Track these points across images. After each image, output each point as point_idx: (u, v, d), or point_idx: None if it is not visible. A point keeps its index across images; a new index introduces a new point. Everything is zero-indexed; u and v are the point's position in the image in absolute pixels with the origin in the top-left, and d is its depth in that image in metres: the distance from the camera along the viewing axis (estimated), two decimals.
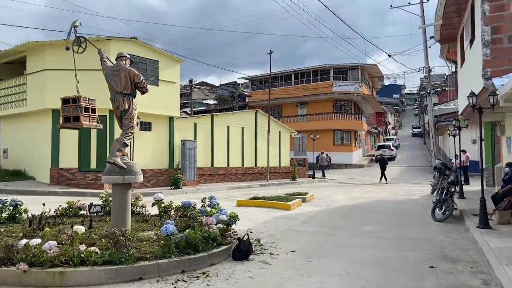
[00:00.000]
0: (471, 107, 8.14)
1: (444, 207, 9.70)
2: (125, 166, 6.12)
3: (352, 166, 34.57)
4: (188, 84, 40.79)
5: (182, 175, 16.98)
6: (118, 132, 15.79)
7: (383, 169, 23.62)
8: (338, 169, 33.25)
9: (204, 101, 63.93)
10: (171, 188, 16.23)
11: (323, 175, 26.17)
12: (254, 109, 24.39)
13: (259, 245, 6.84)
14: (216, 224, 6.27)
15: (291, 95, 36.68)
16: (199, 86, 74.06)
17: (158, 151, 17.52)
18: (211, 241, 5.84)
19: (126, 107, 6.41)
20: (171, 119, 17.95)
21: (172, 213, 7.89)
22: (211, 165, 20.07)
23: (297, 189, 17.66)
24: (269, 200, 11.94)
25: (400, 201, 13.86)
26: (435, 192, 15.46)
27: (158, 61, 16.99)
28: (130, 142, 6.66)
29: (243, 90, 47.32)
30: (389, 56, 26.61)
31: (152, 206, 8.55)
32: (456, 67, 16.18)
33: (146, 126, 17.00)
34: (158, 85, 16.95)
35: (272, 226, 8.80)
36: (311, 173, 25.63)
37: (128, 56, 6.77)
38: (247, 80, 43.34)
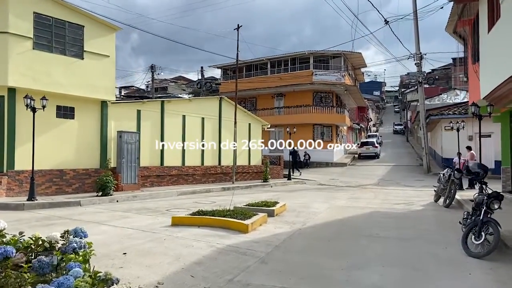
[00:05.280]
0: None
1: (483, 234, 6.20)
2: None
3: (333, 164, 31.24)
4: (168, 79, 36.59)
5: (115, 177, 12.98)
6: (22, 119, 11.66)
7: (295, 162, 23.04)
8: (317, 168, 30.00)
9: (180, 95, 60.62)
10: (97, 195, 12.20)
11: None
12: (218, 96, 20.45)
13: None
14: None
15: (267, 85, 33.10)
16: (175, 80, 70.74)
17: (85, 146, 13.46)
18: None
19: None
20: (103, 104, 13.87)
21: None
22: (161, 163, 16.09)
23: (268, 194, 14.11)
24: (218, 217, 8.21)
25: (401, 215, 10.34)
26: (442, 200, 12.19)
27: (83, 26, 12.85)
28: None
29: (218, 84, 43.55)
30: (386, 22, 22.93)
31: None
32: (466, 42, 12.81)
33: (66, 113, 12.91)
34: (83, 58, 12.87)
35: (209, 271, 5.09)
36: (287, 173, 22.01)
37: None
38: (219, 69, 39.38)
